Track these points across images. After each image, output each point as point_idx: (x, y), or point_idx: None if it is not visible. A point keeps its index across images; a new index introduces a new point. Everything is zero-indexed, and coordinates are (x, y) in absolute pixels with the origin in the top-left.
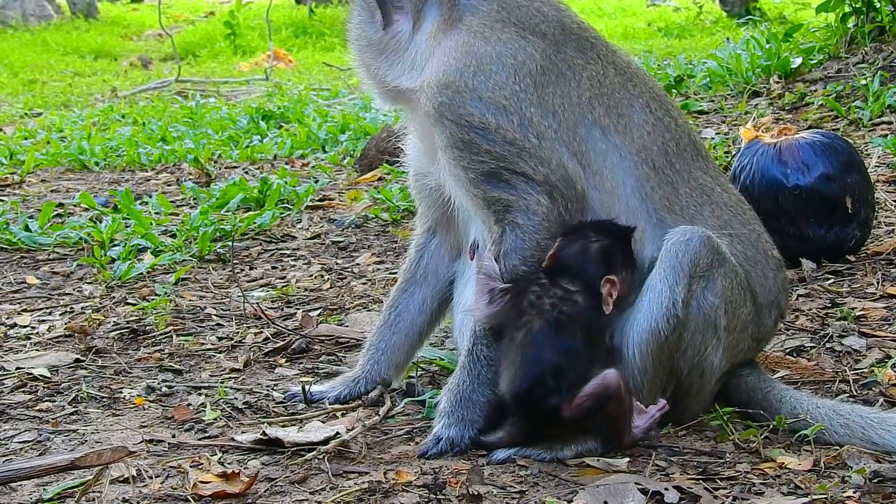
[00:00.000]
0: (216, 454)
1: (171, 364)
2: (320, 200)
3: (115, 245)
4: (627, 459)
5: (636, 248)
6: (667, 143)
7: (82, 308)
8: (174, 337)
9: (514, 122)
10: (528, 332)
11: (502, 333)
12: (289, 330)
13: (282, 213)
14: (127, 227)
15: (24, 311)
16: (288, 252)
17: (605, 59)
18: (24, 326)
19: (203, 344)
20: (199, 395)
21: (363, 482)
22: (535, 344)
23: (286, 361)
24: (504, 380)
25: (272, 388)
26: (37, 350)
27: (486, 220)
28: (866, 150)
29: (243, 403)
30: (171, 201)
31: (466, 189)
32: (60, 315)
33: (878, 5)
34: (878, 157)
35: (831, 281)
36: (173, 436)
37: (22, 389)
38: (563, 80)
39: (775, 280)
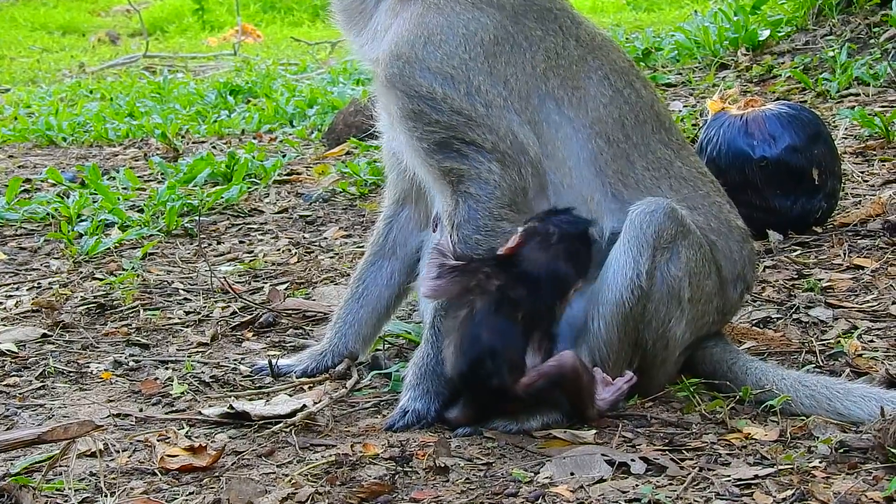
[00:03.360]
0: (183, 428)
1: (139, 338)
2: (288, 175)
3: (82, 220)
4: (594, 431)
5: (595, 221)
6: (624, 115)
7: (49, 283)
8: (141, 311)
9: (460, 91)
10: (471, 311)
11: (449, 311)
12: (256, 304)
13: (249, 188)
14: (94, 202)
15: None
16: (255, 226)
17: (566, 32)
18: None
19: (170, 318)
20: (167, 369)
21: (330, 455)
22: (475, 322)
23: (253, 335)
24: (447, 360)
25: (239, 362)
26: (4, 325)
27: (442, 192)
28: (833, 122)
29: (210, 377)
30: (139, 176)
31: (422, 160)
32: (28, 290)
33: None
34: (845, 128)
35: (798, 252)
36: (140, 410)
37: None
38: (517, 50)
39: (741, 252)
